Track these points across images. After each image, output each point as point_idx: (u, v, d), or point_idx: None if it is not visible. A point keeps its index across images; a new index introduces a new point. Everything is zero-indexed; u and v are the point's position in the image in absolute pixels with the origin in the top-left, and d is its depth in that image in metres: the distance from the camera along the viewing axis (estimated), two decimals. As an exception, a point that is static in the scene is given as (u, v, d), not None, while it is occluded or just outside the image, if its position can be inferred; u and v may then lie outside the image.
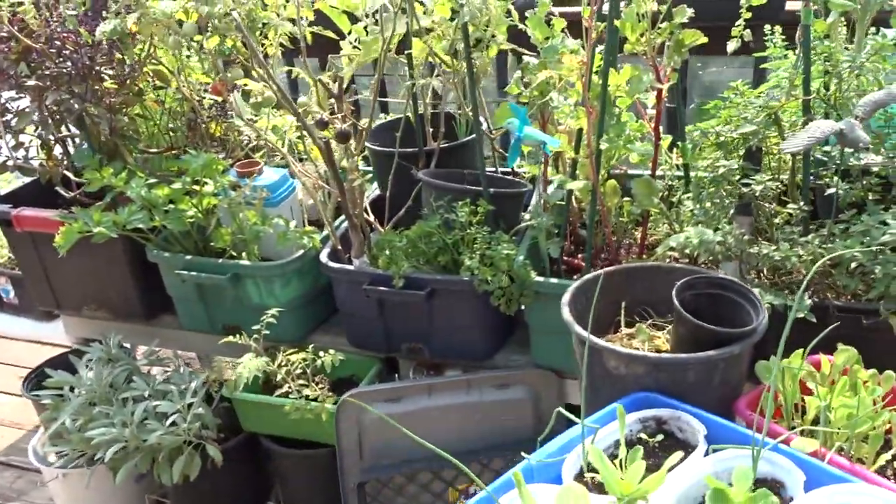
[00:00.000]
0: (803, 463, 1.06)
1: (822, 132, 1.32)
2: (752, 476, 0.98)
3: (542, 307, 1.77)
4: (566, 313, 1.40)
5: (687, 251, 1.61)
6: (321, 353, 1.84)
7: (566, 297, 1.44)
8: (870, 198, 1.55)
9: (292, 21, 1.89)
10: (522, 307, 1.83)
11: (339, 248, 1.98)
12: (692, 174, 1.85)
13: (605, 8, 1.61)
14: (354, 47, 2.05)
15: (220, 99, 2.20)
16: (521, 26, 1.87)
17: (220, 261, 1.97)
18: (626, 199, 1.97)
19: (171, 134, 2.23)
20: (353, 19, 2.05)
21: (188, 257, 2.00)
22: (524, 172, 2.23)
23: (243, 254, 1.99)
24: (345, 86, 1.94)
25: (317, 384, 1.86)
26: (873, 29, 1.69)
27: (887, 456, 1.14)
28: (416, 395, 1.87)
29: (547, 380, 1.88)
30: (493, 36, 1.93)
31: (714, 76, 4.81)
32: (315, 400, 1.84)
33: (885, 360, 1.45)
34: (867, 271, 1.40)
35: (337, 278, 1.93)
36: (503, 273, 1.73)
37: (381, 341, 1.97)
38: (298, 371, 1.87)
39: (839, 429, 1.13)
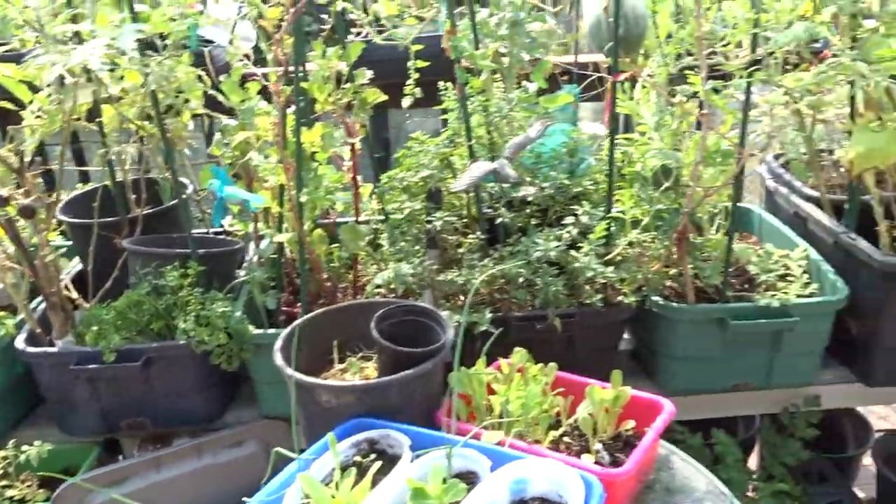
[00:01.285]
0: (489, 451, 1.23)
1: (481, 171, 1.56)
2: (444, 471, 1.12)
3: (265, 359, 1.81)
4: (278, 359, 1.46)
5: (392, 286, 1.78)
6: (24, 448, 1.69)
7: (278, 344, 1.51)
8: (532, 223, 1.85)
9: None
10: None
11: (39, 331, 1.84)
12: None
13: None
14: (37, 117, 1.95)
15: None
16: (212, 92, 1.93)
17: None
18: (337, 245, 2.11)
19: None
20: (34, 88, 1.95)
21: None
22: (237, 230, 2.27)
23: (-82, 353, 1.77)
24: (29, 158, 1.84)
25: (23, 482, 1.70)
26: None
27: (556, 433, 1.37)
28: (143, 472, 1.79)
29: (277, 429, 1.91)
30: (187, 101, 1.96)
31: (416, 125, 5.26)
32: (23, 501, 1.67)
33: (558, 355, 1.73)
34: (532, 283, 1.66)
35: (38, 363, 1.79)
36: (220, 331, 1.75)
37: (97, 423, 1.85)
38: (-1, 472, 1.69)
39: (516, 417, 1.32)
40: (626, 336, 2.00)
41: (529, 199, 1.78)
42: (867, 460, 2.46)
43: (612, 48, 1.58)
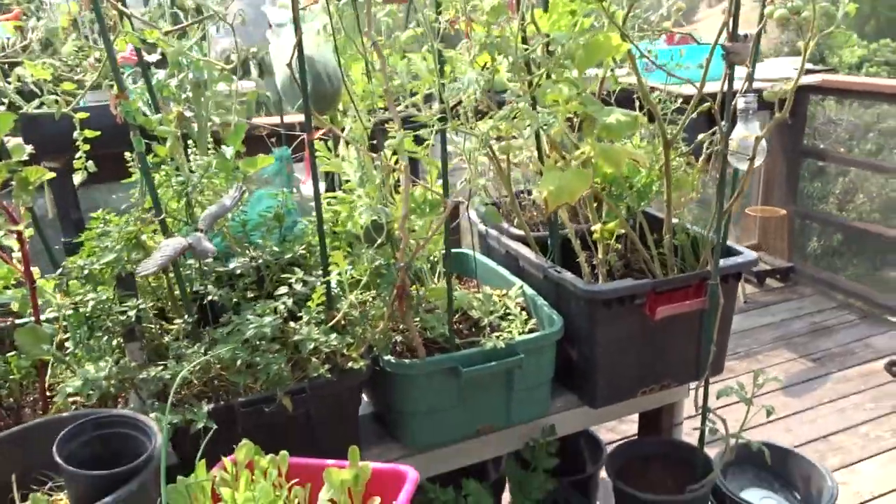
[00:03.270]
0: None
1: (173, 249, 1.37)
2: None
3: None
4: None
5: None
6: None
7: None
8: (249, 296, 1.68)
9: None
10: None
11: None
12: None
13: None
14: None
15: None
16: None
17: None
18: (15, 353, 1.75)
19: None
20: None
21: None
22: None
23: None
24: None
25: None
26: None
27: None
28: None
29: None
30: None
31: (123, 200, 4.78)
32: None
33: (296, 436, 1.58)
34: (253, 364, 1.50)
35: None
36: None
37: None
38: None
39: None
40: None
41: (239, 271, 1.62)
42: (603, 474, 2.61)
43: (303, 106, 1.51)
